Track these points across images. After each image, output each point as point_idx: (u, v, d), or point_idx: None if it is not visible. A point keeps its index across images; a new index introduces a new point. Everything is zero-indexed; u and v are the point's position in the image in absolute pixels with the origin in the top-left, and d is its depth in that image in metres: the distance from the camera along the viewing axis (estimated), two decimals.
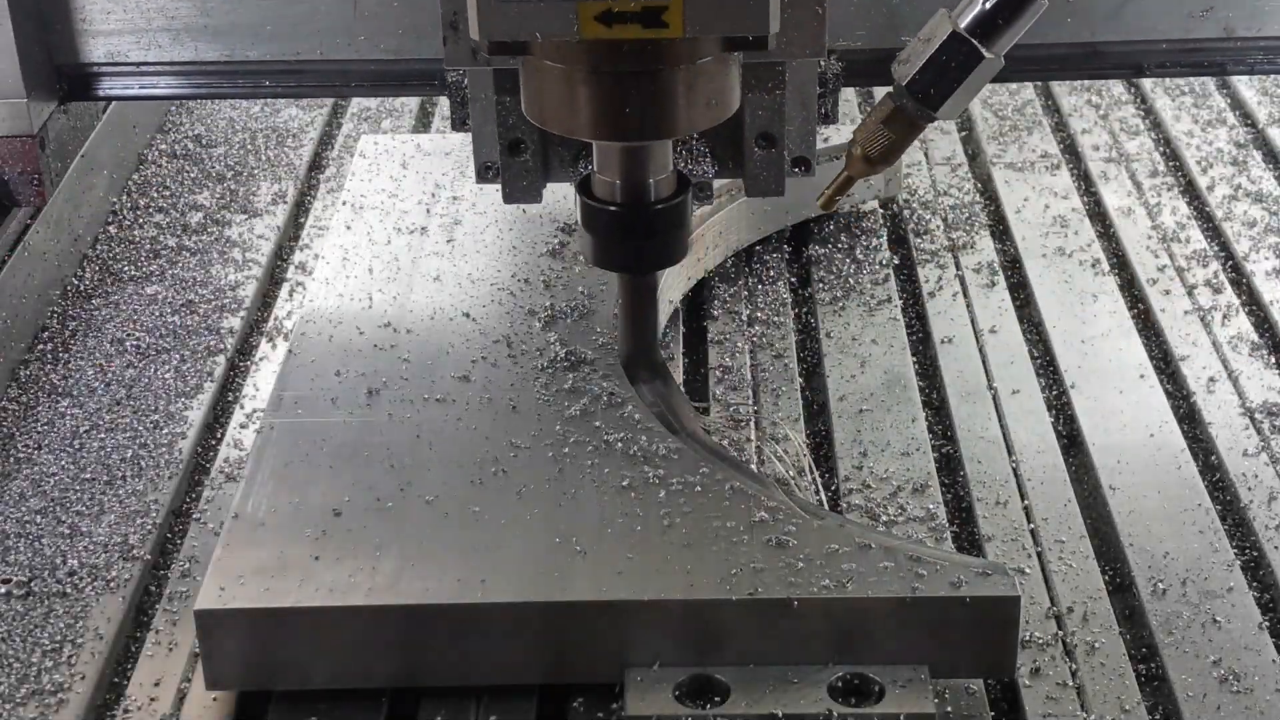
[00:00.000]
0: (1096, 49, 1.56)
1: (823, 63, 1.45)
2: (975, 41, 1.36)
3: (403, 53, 1.52)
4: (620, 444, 1.44)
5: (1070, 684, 1.33)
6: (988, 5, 1.36)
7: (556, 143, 1.47)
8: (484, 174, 1.49)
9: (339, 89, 1.59)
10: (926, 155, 2.16)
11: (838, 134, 1.84)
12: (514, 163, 1.48)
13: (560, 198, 1.84)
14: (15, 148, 1.68)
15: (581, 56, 1.27)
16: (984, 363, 1.74)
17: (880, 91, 1.52)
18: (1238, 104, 2.28)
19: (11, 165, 1.70)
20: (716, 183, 1.51)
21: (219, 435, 1.66)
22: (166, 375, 1.74)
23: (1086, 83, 2.34)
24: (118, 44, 1.55)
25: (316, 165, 2.19)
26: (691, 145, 1.47)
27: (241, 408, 1.69)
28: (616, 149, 1.38)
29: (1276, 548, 1.47)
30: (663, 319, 1.71)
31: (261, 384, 1.72)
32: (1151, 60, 1.57)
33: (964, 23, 1.36)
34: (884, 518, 1.51)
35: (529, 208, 1.81)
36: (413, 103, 2.34)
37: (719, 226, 1.84)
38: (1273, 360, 1.73)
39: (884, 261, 1.91)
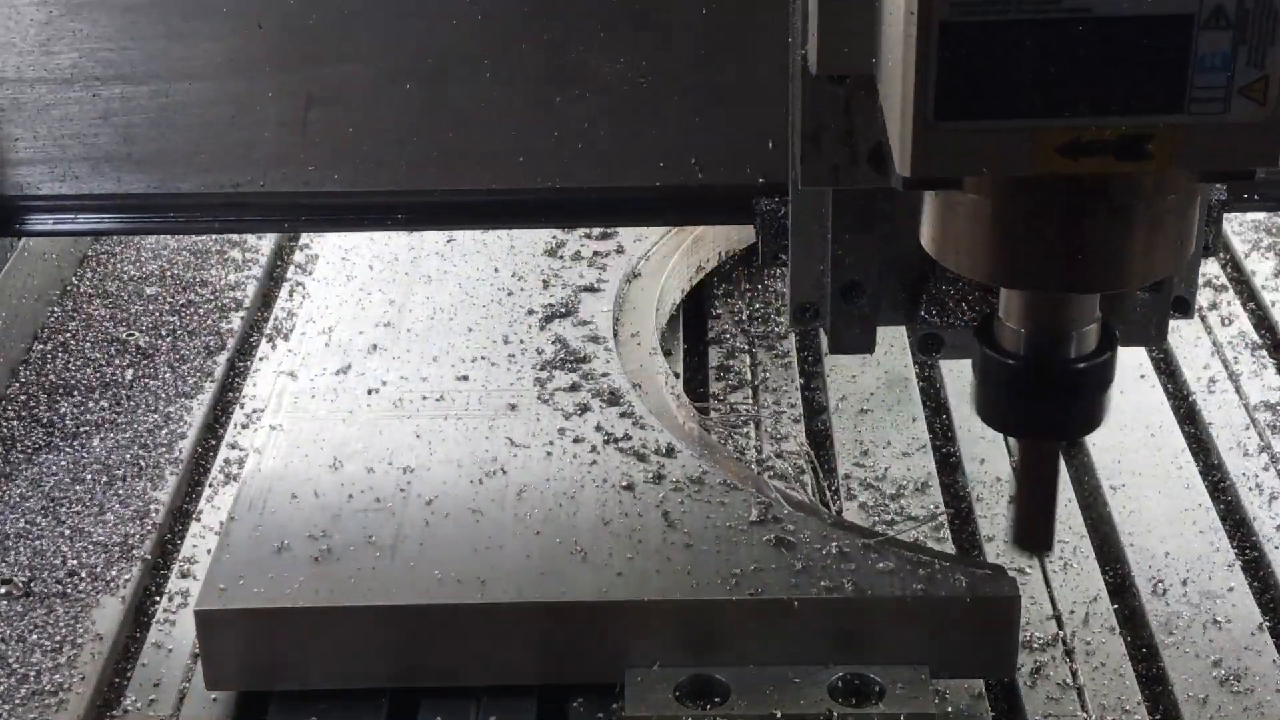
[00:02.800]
0: None
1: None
2: None
3: (359, 184, 1.31)
4: (620, 443, 1.44)
5: (1070, 684, 1.33)
6: None
7: (890, 280, 1.26)
8: (800, 317, 1.27)
9: (287, 223, 1.41)
10: None
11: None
12: (846, 309, 1.26)
13: None
14: None
15: (1019, 194, 1.02)
16: None
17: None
18: None
19: None
20: None
21: (219, 435, 1.66)
22: (166, 375, 1.74)
23: None
24: (29, 175, 1.34)
25: None
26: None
27: (241, 408, 1.69)
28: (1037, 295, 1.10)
29: (1276, 548, 1.47)
30: (663, 320, 1.71)
31: (261, 384, 1.71)
32: None
33: None
34: (884, 518, 1.51)
35: None
36: None
37: (719, 227, 1.84)
38: (1272, 360, 1.73)
39: None
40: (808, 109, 1.09)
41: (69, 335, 1.81)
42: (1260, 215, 1.99)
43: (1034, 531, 1.21)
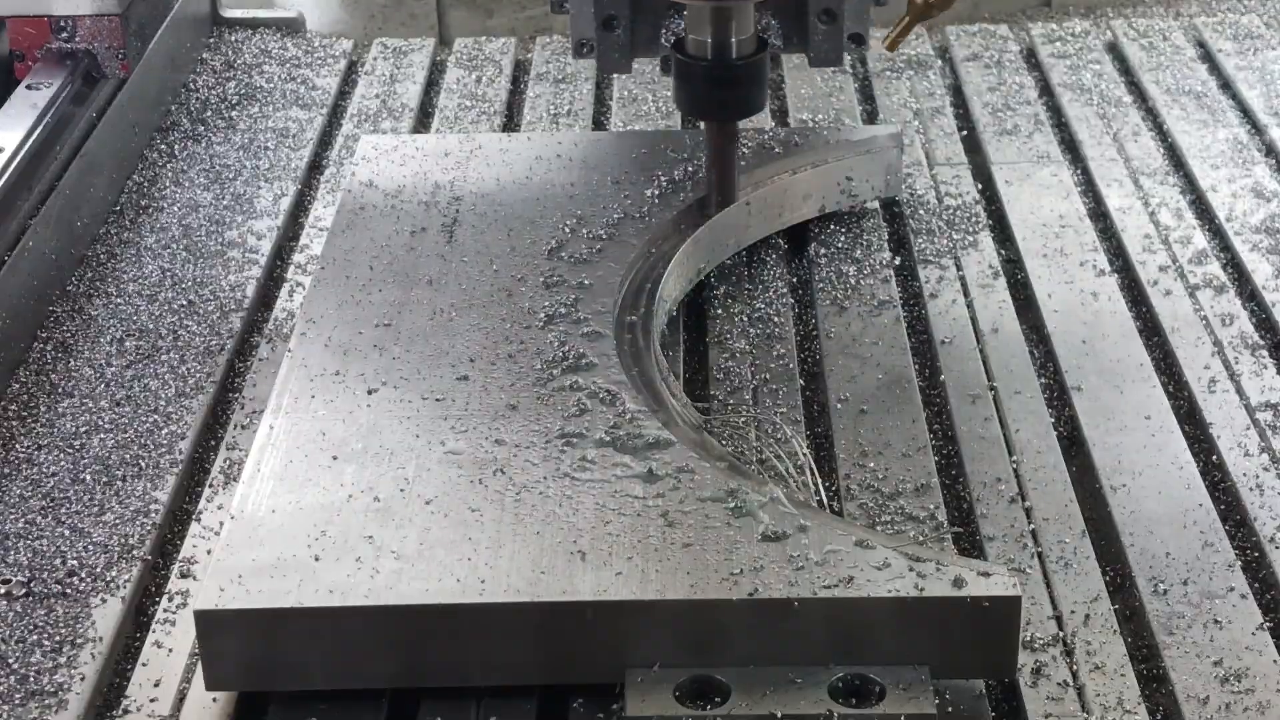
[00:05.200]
0: None
1: None
2: None
3: None
4: (620, 443, 1.44)
5: (1071, 684, 1.33)
6: None
7: (642, 21, 1.76)
8: (580, 50, 1.76)
9: None
10: (927, 155, 2.16)
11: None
12: (608, 38, 1.75)
13: (564, 198, 1.84)
14: (103, 25, 2.13)
15: None
16: (984, 363, 1.74)
17: None
18: (1239, 103, 2.27)
19: (100, 40, 2.15)
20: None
21: (219, 435, 1.66)
22: (166, 375, 1.74)
23: (1087, 83, 2.34)
24: None
25: (316, 165, 2.19)
26: (764, 21, 1.73)
27: (241, 408, 1.69)
28: (706, 11, 1.65)
29: (1277, 548, 1.47)
30: (663, 321, 1.71)
31: (261, 384, 1.71)
32: None
33: None
34: (884, 518, 1.50)
35: (529, 208, 1.81)
36: (413, 103, 2.34)
37: (719, 227, 1.84)
38: (1273, 360, 1.73)
39: (884, 262, 1.91)
40: None
41: (69, 335, 1.81)
42: (1262, 215, 1.99)
43: (721, 193, 1.80)
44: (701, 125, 1.82)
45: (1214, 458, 1.59)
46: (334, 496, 1.39)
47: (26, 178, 1.94)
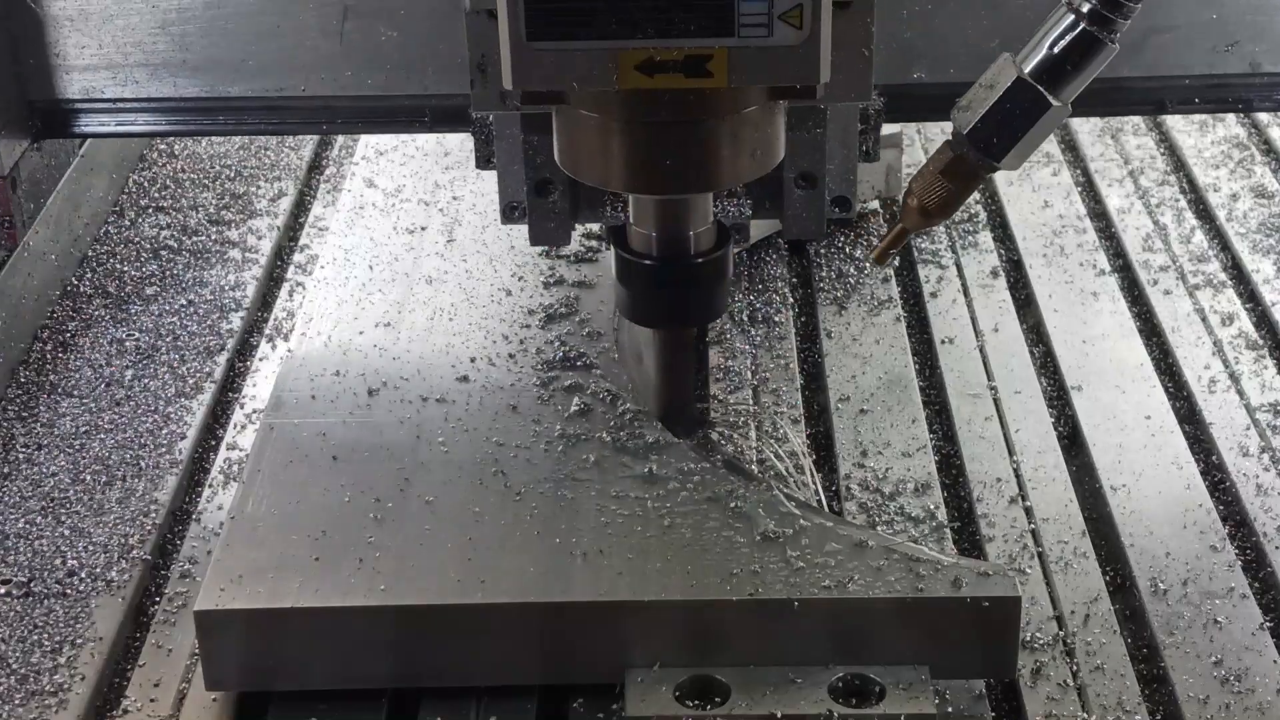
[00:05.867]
0: (1120, 84, 1.48)
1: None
2: (1041, 89, 1.28)
3: (391, 88, 1.44)
4: (620, 443, 1.44)
5: (1071, 685, 1.33)
6: (1055, 50, 1.27)
7: (586, 183, 1.39)
8: (509, 214, 1.43)
9: (325, 125, 1.53)
10: (927, 155, 2.16)
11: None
12: (542, 204, 1.42)
13: None
14: None
15: (619, 106, 1.21)
16: (984, 363, 1.74)
17: (914, 127, 1.48)
18: None
19: None
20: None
21: (219, 435, 1.66)
22: (166, 375, 1.74)
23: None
24: (93, 80, 1.46)
25: (316, 165, 2.19)
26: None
27: (241, 408, 1.69)
28: (654, 200, 1.32)
29: (1277, 548, 1.47)
30: None
31: (261, 384, 1.71)
32: (1174, 96, 1.50)
33: (1029, 68, 1.28)
34: (884, 518, 1.50)
35: None
36: None
37: None
38: (1273, 360, 1.73)
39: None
40: (473, 42, 1.27)
41: (69, 335, 1.81)
42: (1261, 215, 1.99)
43: (679, 417, 1.45)
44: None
45: (1214, 458, 1.59)
46: (334, 496, 1.39)
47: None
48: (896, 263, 1.91)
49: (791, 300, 1.85)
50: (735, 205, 1.42)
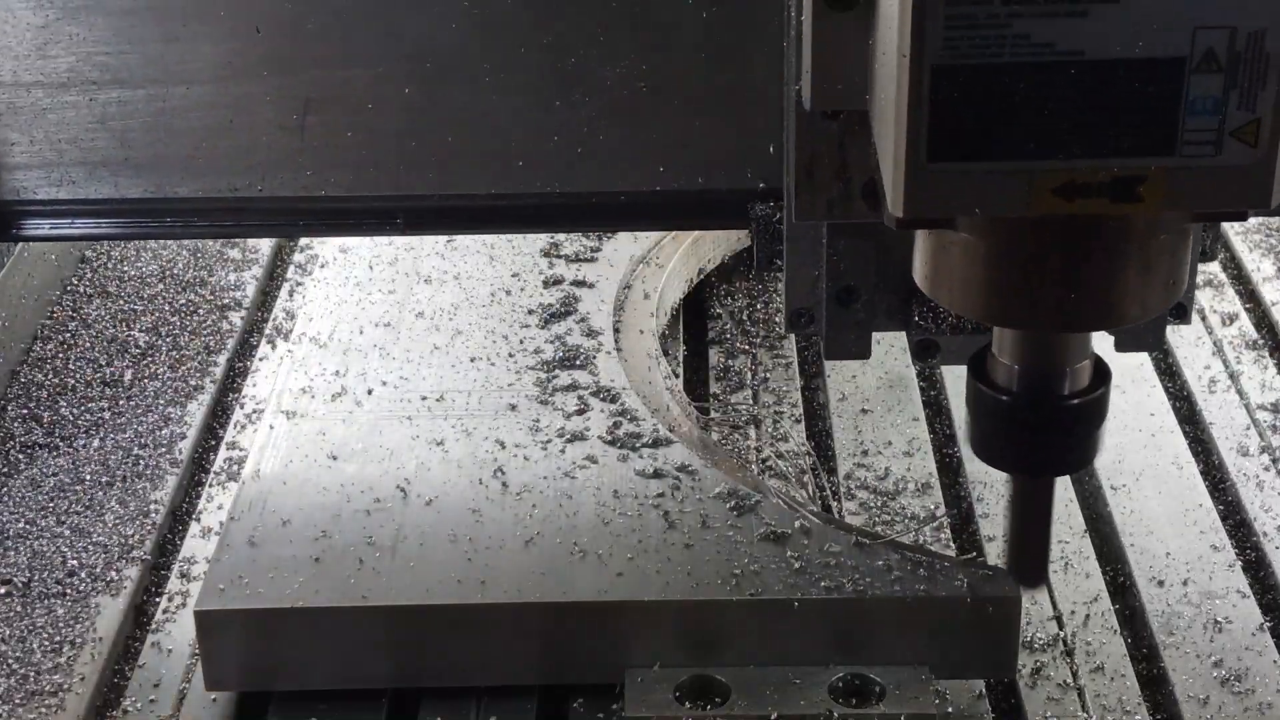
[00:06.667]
0: None
1: None
2: None
3: (357, 189, 1.30)
4: (620, 443, 1.44)
5: (1071, 685, 1.33)
6: None
7: (885, 286, 1.25)
8: (796, 323, 1.27)
9: (285, 228, 1.41)
10: None
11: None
12: (842, 313, 1.26)
13: None
14: None
15: (1020, 232, 1.01)
16: None
17: None
18: None
19: None
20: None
21: (219, 435, 1.66)
22: (166, 375, 1.74)
23: None
24: (25, 180, 1.32)
25: None
26: None
27: (241, 408, 1.69)
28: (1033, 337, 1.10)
29: (1277, 548, 1.47)
30: (663, 320, 1.71)
31: (261, 384, 1.71)
32: None
33: None
34: (884, 518, 1.50)
35: None
36: None
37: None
38: (1273, 360, 1.73)
39: None
40: (802, 143, 1.08)
41: (69, 335, 1.81)
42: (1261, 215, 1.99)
43: (1031, 566, 1.22)
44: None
45: (1214, 458, 1.59)
46: (334, 496, 1.39)
47: None
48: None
49: None
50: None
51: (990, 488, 1.55)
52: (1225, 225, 1.96)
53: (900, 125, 0.92)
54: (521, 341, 1.59)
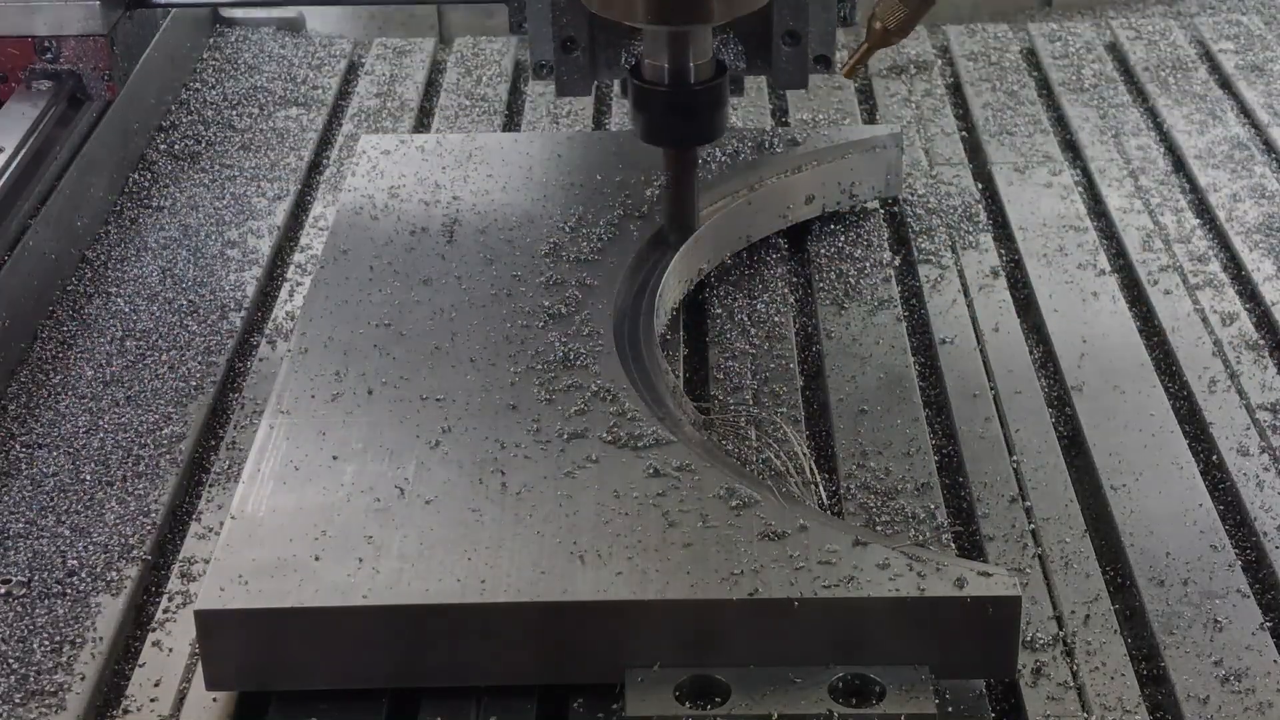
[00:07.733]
0: None
1: None
2: None
3: None
4: (620, 443, 1.44)
5: (1071, 684, 1.33)
6: None
7: (603, 43, 1.71)
8: (539, 71, 1.71)
9: None
10: (927, 155, 2.16)
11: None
12: (567, 60, 1.71)
13: (564, 198, 1.84)
14: (88, 46, 2.05)
15: None
16: (984, 363, 1.74)
17: None
18: (1239, 104, 2.27)
19: (85, 61, 2.07)
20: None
21: (219, 435, 1.66)
22: (166, 375, 1.74)
23: (1089, 84, 2.33)
24: None
25: (316, 165, 2.19)
26: (727, 41, 1.70)
27: (241, 408, 1.69)
28: (664, 36, 1.60)
29: (1277, 547, 1.47)
30: (663, 320, 1.71)
31: (261, 384, 1.71)
32: None
33: None
34: (884, 518, 1.50)
35: (529, 208, 1.81)
36: (413, 103, 2.34)
37: (719, 227, 1.84)
38: (1273, 360, 1.73)
39: (885, 261, 1.91)
40: None
41: (69, 335, 1.81)
42: (1262, 215, 1.99)
43: (681, 221, 1.75)
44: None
45: (1214, 458, 1.59)
46: (334, 496, 1.39)
47: (26, 177, 1.93)
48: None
49: (791, 300, 1.85)
50: (730, 54, 1.71)
51: (990, 488, 1.55)
52: (1225, 226, 1.96)
53: None
54: (522, 342, 1.59)
